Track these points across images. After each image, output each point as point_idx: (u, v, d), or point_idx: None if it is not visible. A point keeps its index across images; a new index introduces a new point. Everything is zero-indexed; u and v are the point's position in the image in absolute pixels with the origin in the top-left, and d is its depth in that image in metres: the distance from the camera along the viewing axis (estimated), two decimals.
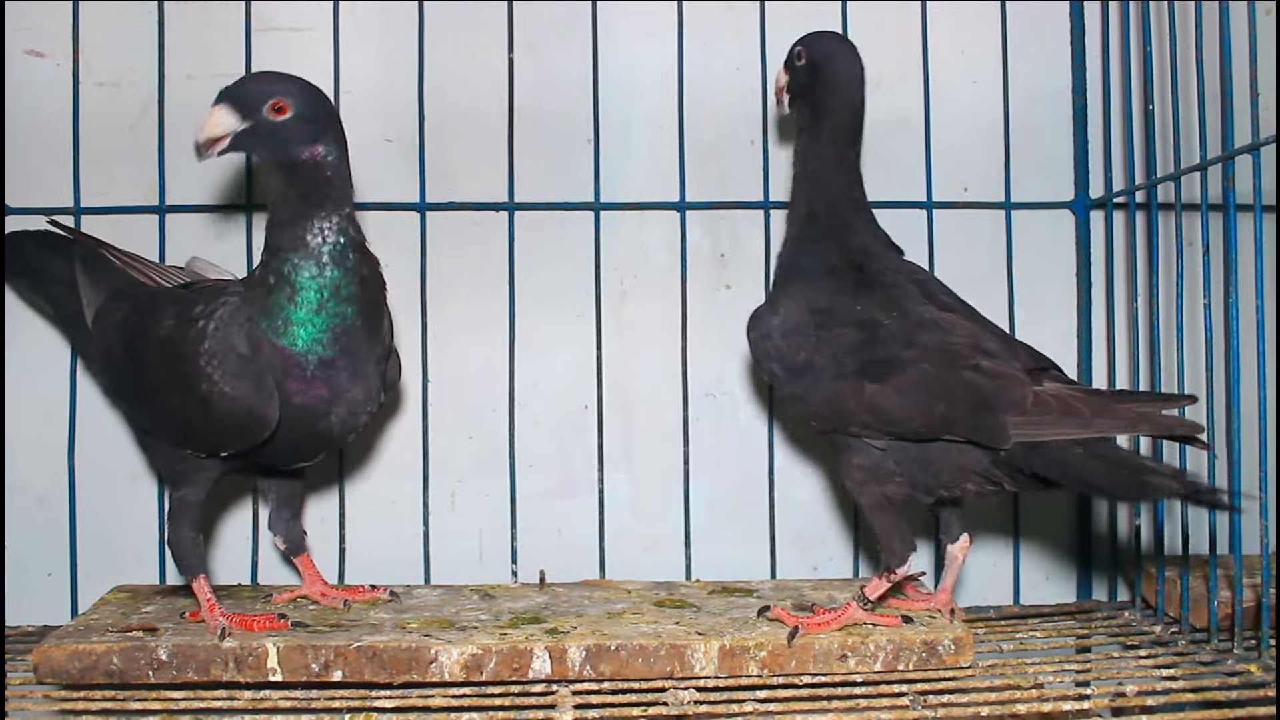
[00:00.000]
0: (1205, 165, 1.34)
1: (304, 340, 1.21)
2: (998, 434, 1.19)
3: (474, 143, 1.61)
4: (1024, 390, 1.20)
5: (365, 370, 1.25)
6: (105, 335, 1.31)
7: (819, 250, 1.34)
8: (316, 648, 1.21)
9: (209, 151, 1.19)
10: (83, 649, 1.20)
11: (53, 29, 1.57)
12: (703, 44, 1.64)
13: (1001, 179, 1.63)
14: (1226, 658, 1.28)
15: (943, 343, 1.24)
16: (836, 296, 1.30)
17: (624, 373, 1.63)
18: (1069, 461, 1.20)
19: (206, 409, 1.20)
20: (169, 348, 1.23)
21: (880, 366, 1.24)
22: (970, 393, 1.21)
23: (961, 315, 1.30)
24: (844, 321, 1.28)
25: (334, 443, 1.28)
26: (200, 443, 1.24)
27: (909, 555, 1.28)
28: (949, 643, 1.25)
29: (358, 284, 1.23)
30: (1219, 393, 1.31)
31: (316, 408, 1.23)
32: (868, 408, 1.24)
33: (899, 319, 1.27)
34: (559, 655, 1.21)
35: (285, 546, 1.42)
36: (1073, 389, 1.22)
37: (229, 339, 1.20)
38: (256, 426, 1.20)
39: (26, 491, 1.58)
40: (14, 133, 1.55)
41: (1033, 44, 1.66)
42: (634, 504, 1.64)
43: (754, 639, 1.23)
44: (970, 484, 1.26)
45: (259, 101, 1.18)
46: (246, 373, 1.19)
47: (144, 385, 1.26)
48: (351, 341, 1.23)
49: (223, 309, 1.22)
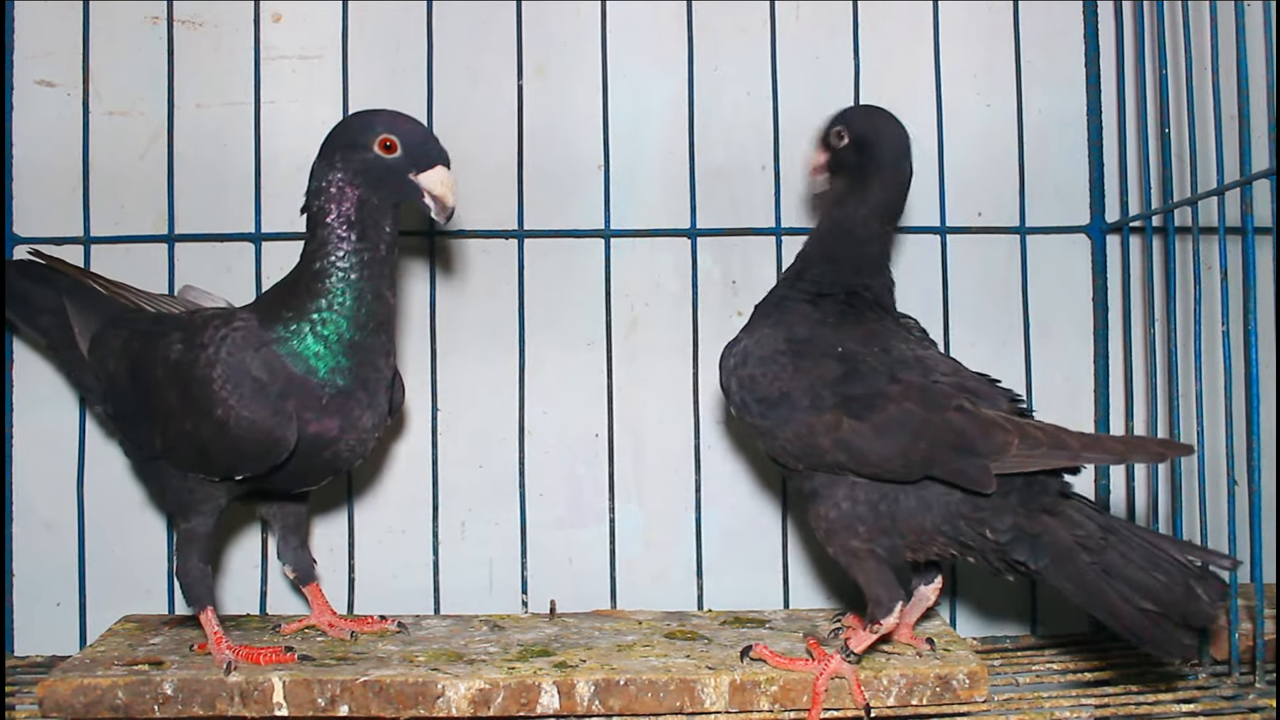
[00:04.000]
0: (1223, 190, 1.33)
1: (324, 371, 1.21)
2: (980, 477, 1.12)
3: (483, 169, 1.60)
4: (1008, 437, 1.13)
5: (377, 399, 1.25)
6: (105, 362, 1.31)
7: (812, 290, 1.29)
8: (323, 682, 1.20)
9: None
10: (88, 683, 1.19)
11: (63, 58, 1.57)
12: (714, 69, 1.63)
13: (1016, 203, 1.62)
14: (1248, 692, 1.26)
15: (926, 381, 1.18)
16: (817, 327, 1.24)
17: (635, 401, 1.62)
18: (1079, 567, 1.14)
19: (223, 432, 1.19)
20: (181, 371, 1.22)
21: (860, 402, 1.17)
22: (953, 434, 1.14)
23: (941, 358, 1.25)
24: (823, 353, 1.22)
25: (342, 468, 1.28)
26: (215, 467, 1.23)
27: (897, 604, 1.20)
28: (963, 677, 1.23)
29: (378, 316, 1.23)
30: (1239, 418, 1.29)
31: (328, 435, 1.23)
32: (843, 445, 1.17)
33: (880, 353, 1.21)
34: (567, 690, 1.20)
35: (295, 575, 1.41)
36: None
37: (244, 363, 1.20)
38: (275, 449, 1.20)
39: (35, 519, 1.58)
40: (23, 162, 1.56)
41: (1046, 67, 1.65)
42: (645, 533, 1.63)
43: (765, 673, 1.21)
44: (935, 546, 1.20)
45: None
46: (264, 397, 1.19)
47: (153, 410, 1.25)
48: (365, 371, 1.23)
49: (235, 334, 1.22)
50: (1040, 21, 1.64)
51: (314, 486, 1.33)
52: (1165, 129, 1.49)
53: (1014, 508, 1.15)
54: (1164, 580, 1.12)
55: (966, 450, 1.13)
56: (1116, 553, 1.14)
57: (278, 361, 1.20)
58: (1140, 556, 1.13)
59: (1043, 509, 1.15)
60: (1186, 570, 1.12)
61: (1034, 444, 1.12)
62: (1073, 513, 1.16)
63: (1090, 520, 1.16)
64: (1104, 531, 1.15)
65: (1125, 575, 1.13)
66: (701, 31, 1.61)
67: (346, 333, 1.21)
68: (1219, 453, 1.41)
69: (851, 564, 1.21)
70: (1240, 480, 1.29)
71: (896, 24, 1.63)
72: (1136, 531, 1.15)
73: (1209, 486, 1.36)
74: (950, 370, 1.21)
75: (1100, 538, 1.14)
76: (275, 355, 1.21)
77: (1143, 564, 1.13)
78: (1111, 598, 1.13)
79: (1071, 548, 1.15)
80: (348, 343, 1.21)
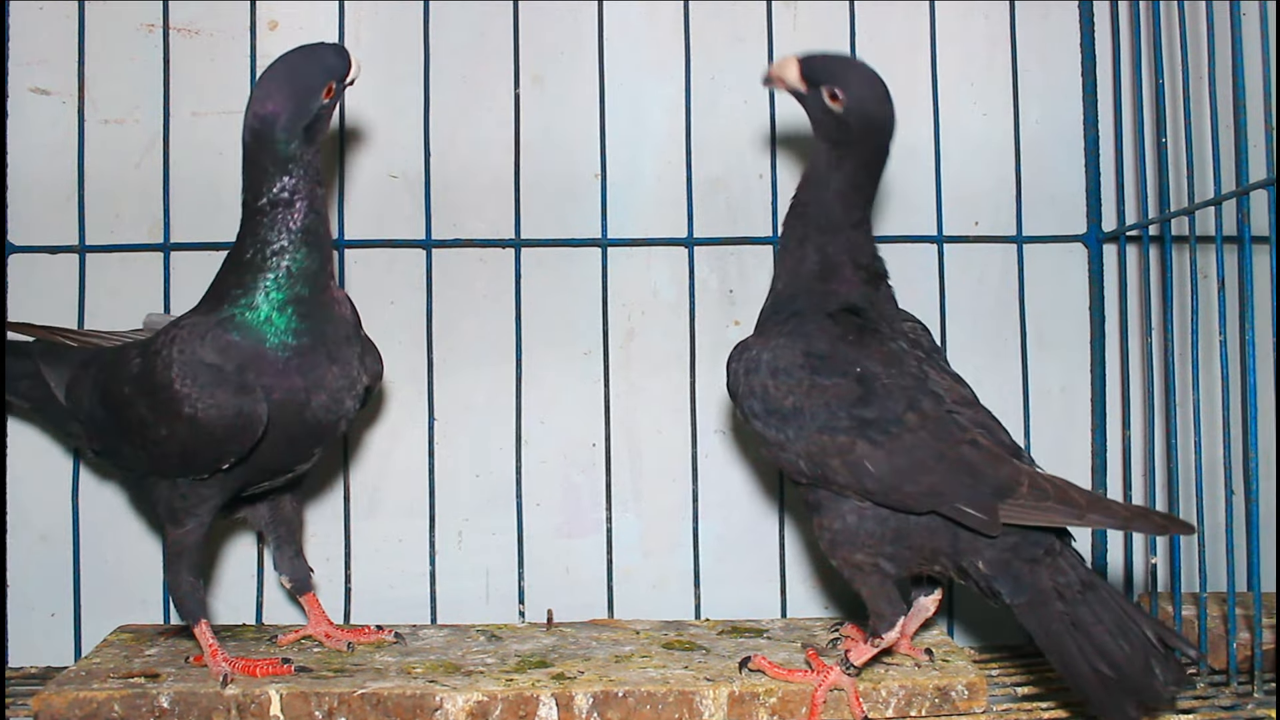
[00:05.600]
0: (1220, 200, 1.33)
1: (274, 335, 1.21)
2: (988, 518, 1.12)
3: (480, 178, 1.60)
4: (1019, 474, 1.12)
5: (341, 355, 1.25)
6: (80, 400, 1.32)
7: (819, 289, 1.25)
8: (320, 695, 1.19)
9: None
10: (83, 696, 1.19)
11: (58, 66, 1.56)
12: (711, 77, 1.63)
13: (1012, 213, 1.62)
14: (1246, 702, 1.26)
15: (942, 411, 1.17)
16: (837, 344, 1.20)
17: (632, 410, 1.62)
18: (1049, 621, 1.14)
19: (195, 427, 1.19)
20: (142, 382, 1.23)
21: (875, 426, 1.15)
22: (965, 469, 1.13)
23: (952, 380, 1.23)
24: (842, 371, 1.19)
25: (324, 435, 1.27)
26: (200, 463, 1.23)
27: (899, 619, 1.19)
28: (962, 688, 1.23)
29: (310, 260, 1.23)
30: (1236, 427, 1.29)
31: (296, 398, 1.22)
32: (852, 467, 1.15)
33: (898, 376, 1.18)
34: (566, 703, 1.19)
35: (291, 585, 1.41)
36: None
37: (196, 354, 1.20)
38: (250, 426, 1.19)
39: (29, 530, 1.57)
40: (18, 170, 1.55)
41: (1043, 76, 1.65)
42: (643, 542, 1.63)
43: (764, 685, 1.21)
44: (939, 565, 1.19)
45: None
46: (224, 380, 1.19)
47: (129, 427, 1.25)
48: (320, 326, 1.23)
49: (182, 331, 1.23)
50: (1037, 30, 1.64)
51: (305, 464, 1.31)
52: (1162, 138, 1.49)
53: (1013, 545, 1.15)
54: (1127, 650, 1.11)
55: (976, 487, 1.12)
56: (1089, 609, 1.13)
57: (227, 339, 1.21)
58: (1111, 620, 1.13)
59: (1034, 559, 1.15)
60: (1151, 647, 1.12)
61: (1041, 495, 1.12)
62: (1060, 560, 1.16)
63: (1074, 570, 1.15)
64: (1084, 586, 1.14)
65: (1090, 634, 1.12)
66: (698, 40, 1.61)
67: (290, 291, 1.21)
68: (1216, 462, 1.41)
69: (855, 577, 1.20)
70: (1237, 489, 1.29)
71: (893, 33, 1.63)
72: (1114, 596, 1.15)
73: (1206, 496, 1.36)
74: (964, 400, 1.20)
75: (1079, 590, 1.14)
76: (223, 335, 1.21)
77: (1111, 628, 1.12)
78: (1071, 650, 1.13)
79: (1048, 591, 1.14)
80: (294, 299, 1.21)
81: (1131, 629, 1.12)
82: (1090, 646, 1.12)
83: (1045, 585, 1.14)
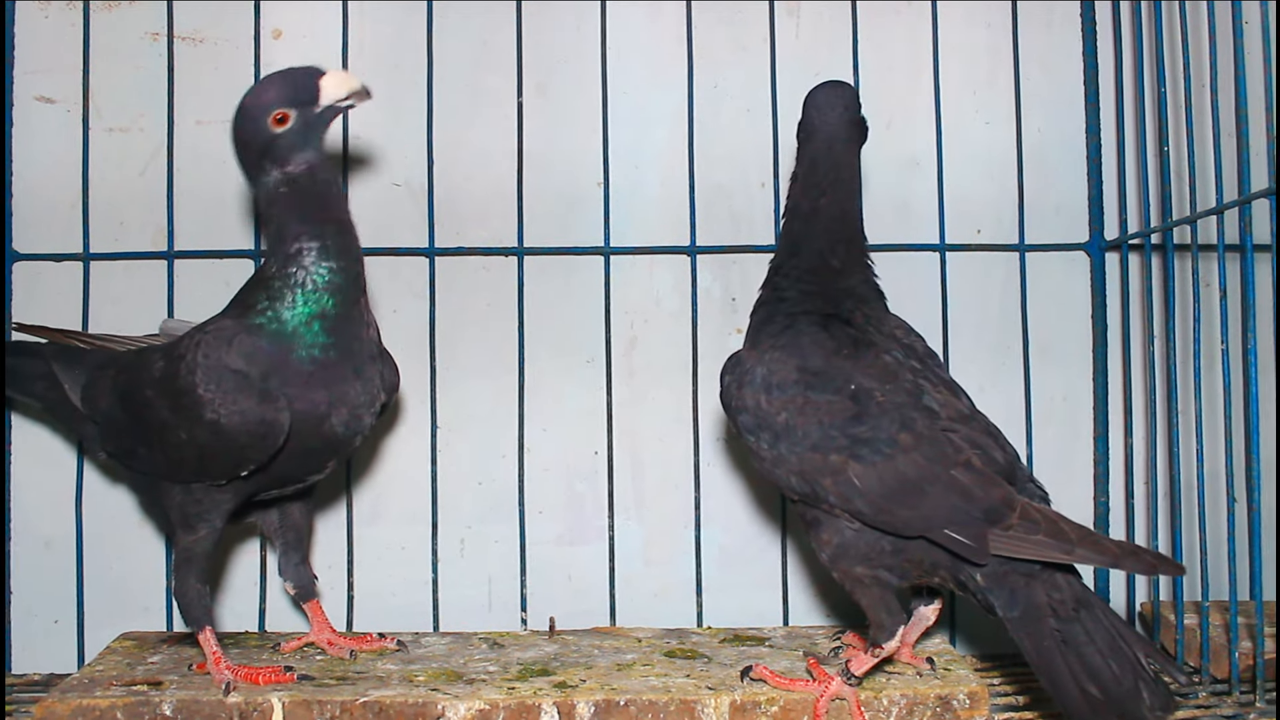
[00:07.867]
0: (1222, 209, 1.33)
1: (302, 346, 1.21)
2: (978, 547, 1.11)
3: (483, 187, 1.61)
4: (1012, 501, 1.12)
5: (364, 372, 1.25)
6: (98, 402, 1.32)
7: (808, 293, 1.25)
8: (322, 702, 1.19)
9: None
10: (86, 704, 1.19)
11: (63, 75, 1.57)
12: (713, 86, 1.63)
13: (1015, 221, 1.62)
14: (1249, 711, 1.26)
15: (937, 430, 1.15)
16: (831, 358, 1.19)
17: (634, 418, 1.62)
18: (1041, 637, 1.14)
19: (218, 432, 1.19)
20: (166, 384, 1.23)
21: (868, 446, 1.14)
22: (957, 493, 1.12)
23: (948, 391, 1.21)
24: (835, 388, 1.17)
25: (340, 448, 1.28)
26: (218, 469, 1.23)
27: (899, 629, 1.19)
28: (964, 697, 1.23)
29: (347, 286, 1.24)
30: (1238, 436, 1.29)
31: (318, 410, 1.22)
32: (843, 487, 1.15)
33: (893, 392, 1.17)
34: (567, 711, 1.20)
35: (295, 592, 1.41)
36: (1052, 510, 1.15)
37: (222, 360, 1.20)
38: (271, 434, 1.20)
39: (33, 536, 1.57)
40: (23, 178, 1.56)
41: (1045, 85, 1.65)
42: (645, 550, 1.63)
43: (765, 694, 1.21)
44: (937, 578, 1.19)
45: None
46: (249, 386, 1.19)
47: (149, 430, 1.25)
48: (346, 342, 1.23)
49: (208, 336, 1.23)
50: (1039, 40, 1.65)
51: (318, 475, 1.31)
52: (1164, 147, 1.50)
53: (1010, 559, 1.14)
54: (1115, 671, 1.11)
55: (966, 515, 1.12)
56: (1082, 628, 1.13)
57: (254, 346, 1.21)
58: (1103, 641, 1.12)
59: (1030, 574, 1.14)
60: (1140, 670, 1.11)
61: (1032, 527, 1.11)
62: (1056, 576, 1.15)
63: (1069, 587, 1.14)
64: (1078, 604, 1.14)
65: (1081, 652, 1.12)
66: (701, 49, 1.61)
67: (318, 305, 1.21)
68: (1218, 470, 1.41)
69: (855, 589, 1.20)
70: (1240, 498, 1.29)
71: (896, 42, 1.64)
72: (1109, 615, 1.14)
73: (1208, 504, 1.36)
74: (959, 417, 1.18)
75: (1072, 608, 1.13)
76: (251, 341, 1.21)
77: (1102, 648, 1.12)
78: (1060, 668, 1.12)
79: (1042, 607, 1.14)
80: (320, 314, 1.21)
81: (1123, 650, 1.12)
82: (1080, 665, 1.12)
83: (1039, 600, 1.14)
